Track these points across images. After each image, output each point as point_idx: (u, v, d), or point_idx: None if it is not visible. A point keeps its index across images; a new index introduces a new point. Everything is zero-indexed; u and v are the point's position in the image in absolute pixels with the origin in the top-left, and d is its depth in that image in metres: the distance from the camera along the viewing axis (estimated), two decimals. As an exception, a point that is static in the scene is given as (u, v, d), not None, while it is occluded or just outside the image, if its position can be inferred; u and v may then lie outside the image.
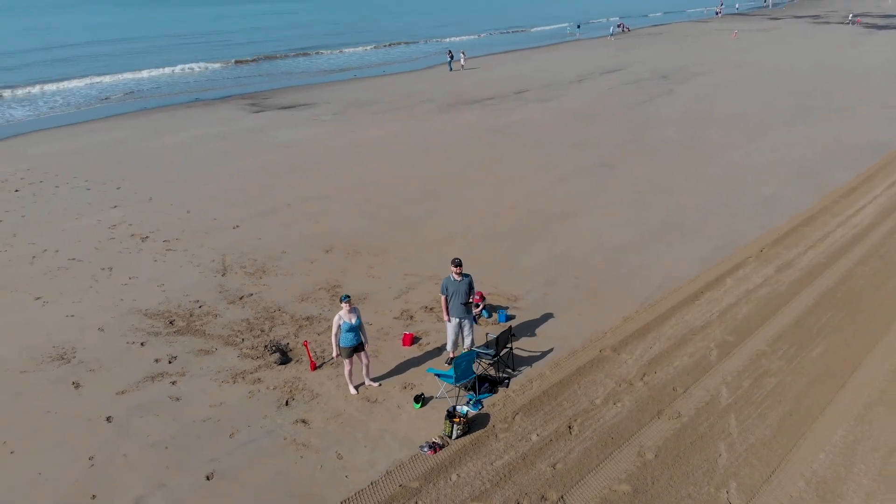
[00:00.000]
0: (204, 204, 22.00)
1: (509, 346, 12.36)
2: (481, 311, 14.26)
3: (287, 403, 11.52)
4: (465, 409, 10.94)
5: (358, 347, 11.43)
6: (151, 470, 9.97)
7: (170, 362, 12.85)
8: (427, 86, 46.36)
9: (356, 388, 11.80)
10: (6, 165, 26.88)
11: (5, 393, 11.80)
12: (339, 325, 11.25)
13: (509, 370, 12.33)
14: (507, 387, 11.87)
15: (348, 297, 11.25)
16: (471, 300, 12.19)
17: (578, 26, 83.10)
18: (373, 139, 30.63)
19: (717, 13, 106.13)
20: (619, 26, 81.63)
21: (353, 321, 11.23)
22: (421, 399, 11.39)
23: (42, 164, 26.95)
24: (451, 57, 53.49)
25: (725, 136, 29.57)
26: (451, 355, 12.45)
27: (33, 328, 14.12)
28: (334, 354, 11.65)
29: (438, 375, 11.49)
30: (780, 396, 11.39)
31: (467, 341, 12.38)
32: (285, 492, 9.55)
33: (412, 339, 13.33)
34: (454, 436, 10.48)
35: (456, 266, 12.01)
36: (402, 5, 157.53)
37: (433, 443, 10.34)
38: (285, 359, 12.87)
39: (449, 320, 12.20)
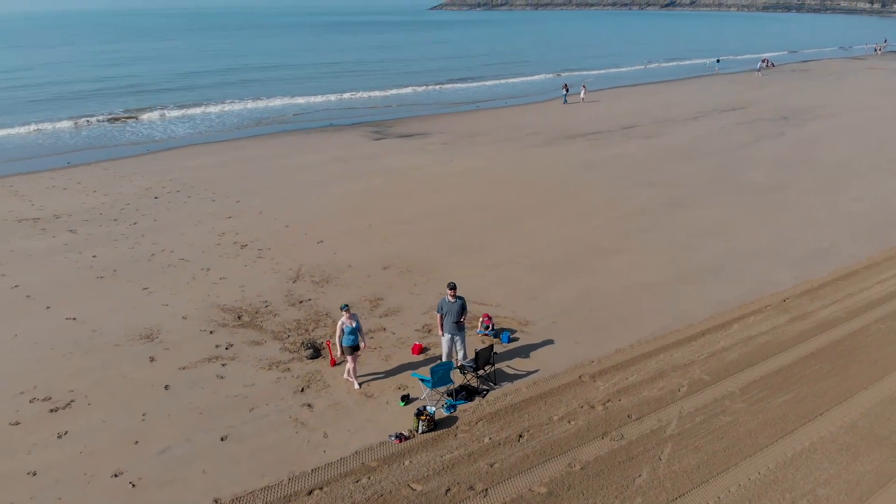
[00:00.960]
0: (302, 220, 25.18)
1: (492, 362, 14.03)
2: (489, 331, 15.98)
3: (302, 390, 13.91)
4: (433, 409, 12.79)
5: (356, 347, 13.62)
6: (183, 428, 12.67)
7: (227, 349, 15.68)
8: (540, 118, 48.10)
9: (359, 384, 13.95)
10: (155, 175, 31.80)
11: (98, 360, 15.10)
12: (342, 329, 13.51)
13: (491, 384, 14.00)
14: (484, 397, 13.56)
15: (347, 305, 13.53)
16: (462, 319, 14.03)
17: (717, 61, 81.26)
18: (466, 169, 32.90)
19: (876, 51, 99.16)
20: (763, 62, 79.00)
21: (353, 325, 13.45)
22: (406, 399, 13.37)
23: (183, 176, 31.61)
24: (567, 90, 54.81)
25: (813, 183, 29.04)
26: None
27: (134, 312, 17.56)
28: (338, 354, 13.92)
29: (421, 380, 13.42)
30: (723, 434, 12.25)
31: (460, 354, 14.22)
32: (276, 457, 11.87)
33: (420, 349, 15.32)
34: (420, 430, 12.36)
35: (451, 289, 13.93)
36: (556, 37, 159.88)
37: (400, 434, 12.29)
38: (316, 354, 15.30)
39: (443, 335, 14.12)
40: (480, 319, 16.30)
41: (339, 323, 13.60)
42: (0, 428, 12.49)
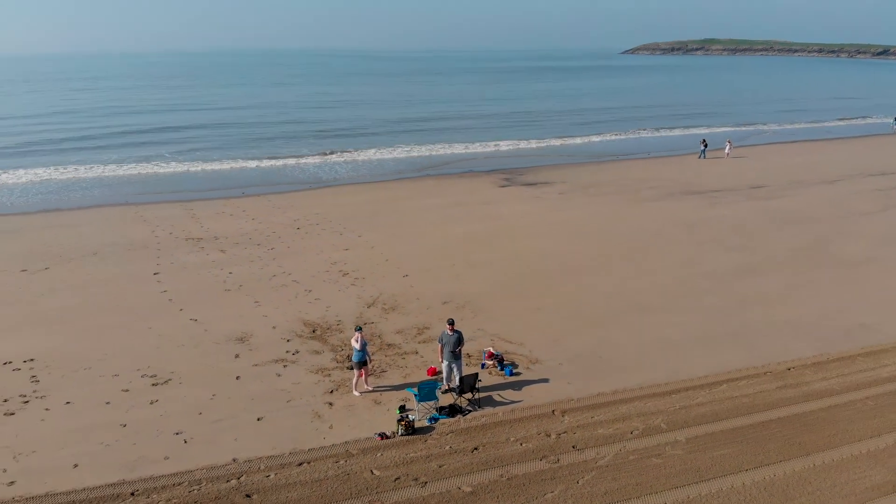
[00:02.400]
0: (401, 255, 29.00)
1: (476, 389, 16.60)
2: (496, 365, 18.48)
3: (332, 392, 17.39)
4: (414, 417, 15.65)
5: (362, 363, 16.87)
6: (236, 409, 16.61)
7: (293, 354, 19.62)
8: (670, 173, 48.65)
9: (360, 393, 17.14)
10: (305, 209, 37.43)
11: (199, 352, 19.67)
12: (358, 346, 16.85)
13: (476, 406, 16.56)
14: (464, 416, 16.18)
15: (360, 328, 16.84)
16: (458, 349, 16.80)
17: (895, 120, 75.19)
18: (566, 219, 35.10)
19: None
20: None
21: (360, 345, 16.73)
22: (402, 408, 16.35)
23: (327, 211, 36.92)
24: (705, 146, 54.43)
25: (910, 258, 27.81)
26: (445, 385, 17.12)
27: (239, 319, 22.17)
28: (349, 367, 17.28)
29: (414, 394, 16.35)
30: (644, 472, 13.88)
31: (456, 378, 16.95)
32: (288, 436, 15.36)
33: (435, 372, 18.20)
34: (399, 433, 15.30)
35: (450, 324, 16.80)
36: (742, 86, 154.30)
37: (383, 433, 15.31)
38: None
39: (442, 361, 16.98)
40: (483, 352, 18.83)
41: (352, 342, 16.95)
42: (114, 392, 17.23)
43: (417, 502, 13.05)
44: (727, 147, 56.03)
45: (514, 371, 18.31)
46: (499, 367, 18.44)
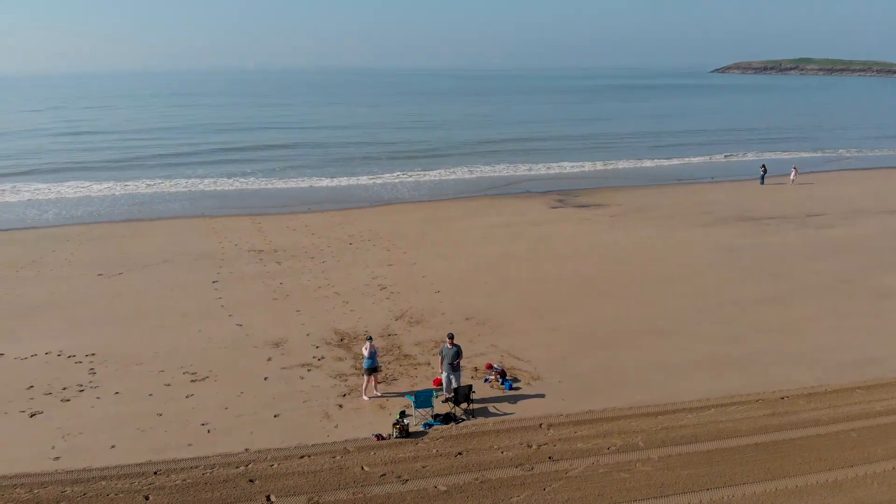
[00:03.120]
0: (437, 273, 30.48)
1: (469, 400, 17.81)
2: (497, 378, 19.60)
3: (344, 395, 19.00)
4: (407, 421, 17.02)
5: (372, 370, 18.39)
6: (258, 406, 18.42)
7: (318, 359, 21.40)
8: (727, 198, 48.08)
9: (369, 397, 18.66)
10: (361, 225, 39.56)
11: (237, 354, 21.74)
12: (367, 353, 18.39)
13: (470, 416, 17.76)
14: (457, 424, 17.42)
15: (371, 337, 18.39)
16: (456, 362, 18.09)
17: None
18: (609, 241, 35.64)
19: None
20: None
21: (368, 353, 18.26)
22: (403, 414, 17.74)
23: (380, 228, 38.93)
24: (765, 171, 53.33)
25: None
26: (444, 395, 18.41)
27: (279, 326, 24.18)
28: (362, 373, 18.82)
29: (412, 401, 17.72)
30: (609, 485, 14.68)
31: (454, 386, 18.22)
32: (298, 432, 17.00)
33: (440, 382, 19.51)
34: (394, 435, 16.72)
35: (449, 338, 18.14)
36: (832, 109, 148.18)
37: (379, 434, 16.77)
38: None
39: (442, 373, 18.30)
40: (487, 369, 19.99)
41: (363, 350, 18.53)
42: (157, 386, 19.46)
43: (396, 497, 14.39)
44: (792, 174, 54.60)
45: (514, 385, 19.37)
46: (500, 381, 19.54)
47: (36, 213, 45.43)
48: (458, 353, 18.14)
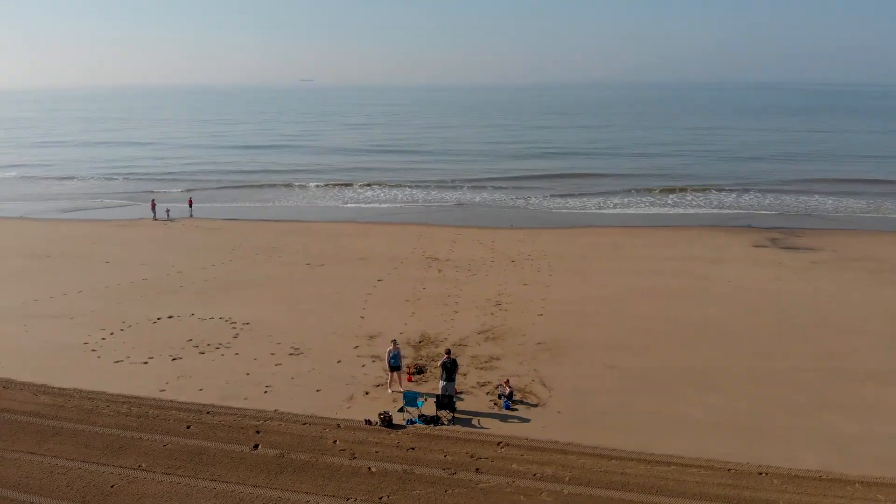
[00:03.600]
0: (558, 298, 32.01)
1: (452, 409, 20.32)
2: (499, 396, 21.58)
3: (377, 386, 22.87)
4: (391, 413, 20.30)
5: (396, 368, 21.96)
6: (313, 381, 23.23)
7: (358, 356, 25.59)
8: None
9: (392, 391, 22.18)
10: (539, 245, 42.16)
11: (338, 340, 26.83)
12: (389, 354, 22.04)
13: (452, 422, 20.32)
14: (436, 426, 20.18)
15: (395, 340, 22.08)
16: (452, 374, 20.81)
17: None
18: (775, 290, 32.88)
19: None
20: None
21: (394, 353, 21.85)
22: (401, 409, 21.10)
23: (555, 249, 41.13)
24: None
25: None
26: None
27: (388, 322, 28.69)
28: (385, 370, 22.44)
29: (404, 398, 20.93)
30: (496, 503, 16.33)
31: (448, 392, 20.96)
32: (319, 405, 21.46)
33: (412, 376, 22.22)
34: (378, 423, 20.24)
35: (447, 353, 20.94)
36: None
37: (368, 420, 20.43)
38: (419, 371, 23.86)
39: (440, 381, 21.17)
40: (501, 385, 21.94)
41: (387, 351, 22.20)
42: (264, 354, 25.42)
43: (335, 466, 17.99)
44: None
45: (513, 407, 21.18)
46: (500, 398, 21.51)
47: (323, 211, 57.18)
48: (453, 366, 20.79)
